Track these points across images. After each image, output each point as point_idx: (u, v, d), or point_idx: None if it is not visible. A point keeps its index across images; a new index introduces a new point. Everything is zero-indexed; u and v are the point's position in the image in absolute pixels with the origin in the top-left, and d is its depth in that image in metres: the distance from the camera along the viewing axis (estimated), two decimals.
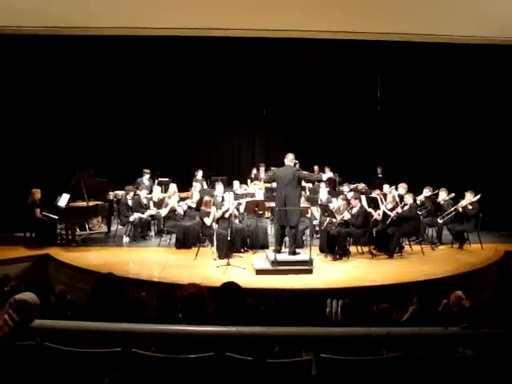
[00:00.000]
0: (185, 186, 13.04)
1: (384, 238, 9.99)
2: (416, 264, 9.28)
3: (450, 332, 3.46)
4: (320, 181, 12.41)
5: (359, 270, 8.91)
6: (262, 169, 14.14)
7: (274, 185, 10.08)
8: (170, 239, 10.72)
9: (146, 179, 12.70)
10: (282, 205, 8.78)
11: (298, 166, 9.13)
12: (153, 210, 11.21)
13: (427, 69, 12.28)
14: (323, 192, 11.39)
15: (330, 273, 8.73)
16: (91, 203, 10.63)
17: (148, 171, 12.87)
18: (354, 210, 9.82)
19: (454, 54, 11.71)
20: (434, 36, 10.79)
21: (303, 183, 11.05)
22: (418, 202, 10.91)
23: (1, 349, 3.11)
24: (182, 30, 10.70)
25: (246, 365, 3.15)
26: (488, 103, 12.58)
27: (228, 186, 12.39)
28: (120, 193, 11.95)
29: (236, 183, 12.55)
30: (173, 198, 10.76)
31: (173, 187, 11.46)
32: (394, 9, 9.72)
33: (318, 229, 10.69)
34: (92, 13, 9.70)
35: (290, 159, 9.03)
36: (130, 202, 11.09)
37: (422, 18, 10.00)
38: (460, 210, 10.28)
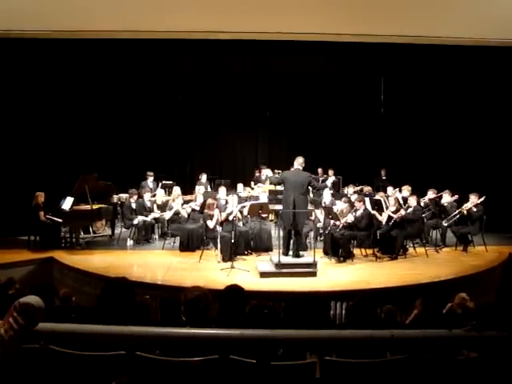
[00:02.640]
0: (188, 189, 13.05)
1: (388, 240, 9.97)
2: (420, 266, 9.26)
3: (455, 334, 3.45)
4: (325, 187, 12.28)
5: (363, 273, 8.89)
6: (264, 171, 14.14)
7: (278, 187, 10.04)
8: (174, 242, 10.73)
9: (150, 182, 12.73)
10: (291, 209, 8.72)
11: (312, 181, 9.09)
12: (156, 213, 11.23)
13: (431, 71, 12.27)
14: (327, 194, 11.35)
15: (333, 275, 8.72)
16: (95, 206, 10.65)
17: (152, 174, 12.90)
18: (358, 213, 9.81)
19: (458, 56, 11.70)
20: (438, 38, 10.78)
21: None
22: (422, 204, 10.90)
23: (6, 352, 3.11)
24: (185, 33, 10.73)
25: (250, 367, 3.15)
26: (491, 105, 12.58)
27: (232, 188, 12.40)
28: (124, 196, 11.97)
29: (240, 186, 12.56)
30: (177, 201, 10.76)
31: (177, 190, 11.48)
32: (397, 11, 9.72)
33: (321, 231, 10.69)
34: (95, 16, 9.72)
35: (299, 162, 8.95)
36: (133, 205, 11.10)
37: (426, 21, 9.98)
38: (464, 212, 10.26)
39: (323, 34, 10.76)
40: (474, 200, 10.29)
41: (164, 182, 12.98)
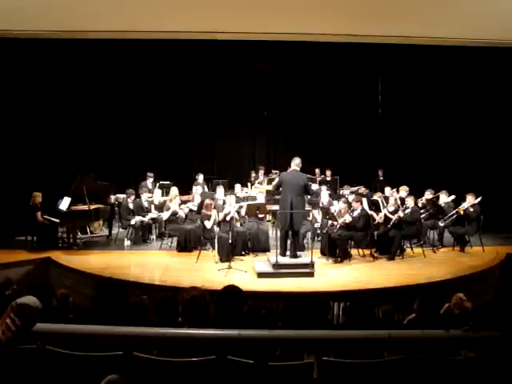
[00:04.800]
0: (186, 189, 13.04)
1: (385, 240, 9.98)
2: (417, 267, 9.27)
3: (452, 335, 3.45)
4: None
5: (360, 273, 8.89)
6: (262, 172, 14.14)
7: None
8: (172, 242, 10.72)
9: (149, 183, 12.72)
10: (288, 210, 8.68)
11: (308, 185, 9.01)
12: (154, 214, 11.22)
13: (428, 72, 12.30)
14: (324, 195, 11.37)
15: (331, 276, 8.72)
16: (92, 206, 10.63)
17: (152, 175, 12.89)
18: (356, 213, 9.81)
19: (455, 56, 11.74)
20: (435, 39, 10.80)
21: None
22: (420, 204, 10.91)
23: (3, 353, 3.10)
24: (183, 34, 10.73)
25: (247, 368, 3.15)
26: (489, 106, 12.61)
27: (229, 189, 12.40)
28: (121, 196, 11.95)
29: (237, 186, 12.55)
30: (174, 202, 10.75)
31: (174, 190, 11.47)
32: (395, 12, 9.73)
33: (319, 232, 10.69)
34: (94, 16, 9.73)
35: (296, 163, 8.89)
36: (131, 206, 11.09)
37: (424, 21, 10.01)
38: (461, 212, 10.27)
39: (321, 35, 10.77)
40: (470, 200, 10.30)
41: (161, 182, 12.97)
